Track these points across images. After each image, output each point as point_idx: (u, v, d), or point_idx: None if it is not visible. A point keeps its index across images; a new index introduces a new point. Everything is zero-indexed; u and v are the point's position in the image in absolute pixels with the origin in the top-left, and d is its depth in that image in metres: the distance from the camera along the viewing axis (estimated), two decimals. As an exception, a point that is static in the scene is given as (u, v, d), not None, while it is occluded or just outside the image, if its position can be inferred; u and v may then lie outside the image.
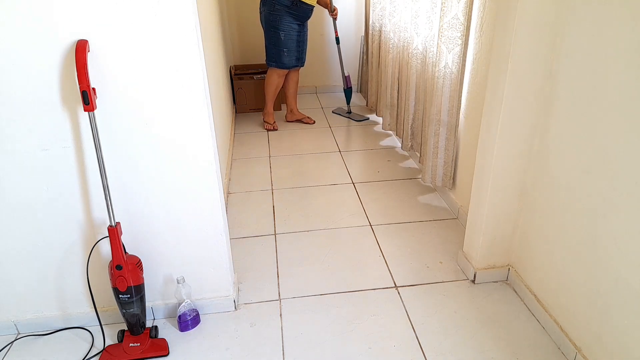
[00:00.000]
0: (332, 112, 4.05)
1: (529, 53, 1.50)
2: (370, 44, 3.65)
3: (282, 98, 4.03)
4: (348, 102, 3.98)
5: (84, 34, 1.30)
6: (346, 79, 3.88)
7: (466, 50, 2.10)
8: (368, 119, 3.87)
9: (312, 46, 4.04)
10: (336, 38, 3.77)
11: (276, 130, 3.66)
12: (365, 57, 4.00)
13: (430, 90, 2.37)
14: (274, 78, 3.52)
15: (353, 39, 4.36)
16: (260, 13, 3.37)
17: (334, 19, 3.67)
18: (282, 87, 3.69)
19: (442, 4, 2.12)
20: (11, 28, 1.27)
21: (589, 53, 1.35)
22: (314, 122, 3.82)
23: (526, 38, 1.48)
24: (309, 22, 3.59)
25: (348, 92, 3.93)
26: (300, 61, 3.52)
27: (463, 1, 2.00)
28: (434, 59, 2.30)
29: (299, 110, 3.87)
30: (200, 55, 1.40)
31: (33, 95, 1.36)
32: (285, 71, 3.50)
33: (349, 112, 3.96)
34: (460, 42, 2.09)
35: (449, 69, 2.19)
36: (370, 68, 3.76)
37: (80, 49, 1.27)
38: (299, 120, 3.82)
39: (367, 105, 4.04)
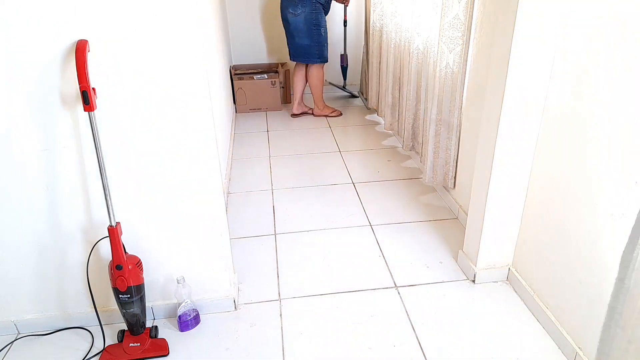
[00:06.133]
0: (329, 82, 4.38)
1: (529, 52, 1.50)
2: (371, 44, 3.65)
3: (289, 97, 4.22)
4: (344, 77, 4.31)
5: (84, 34, 1.30)
6: (341, 57, 4.20)
7: (467, 50, 2.09)
8: (357, 96, 4.32)
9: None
10: (344, 21, 4.10)
11: (341, 115, 3.91)
12: (366, 57, 4.01)
13: (432, 90, 2.37)
14: (321, 72, 3.74)
15: (354, 39, 4.35)
16: (295, 16, 3.45)
17: (346, 6, 3.98)
18: (294, 80, 3.88)
19: (442, 3, 2.12)
20: (11, 28, 1.27)
21: (589, 53, 1.35)
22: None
23: (526, 37, 1.48)
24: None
25: (344, 69, 4.25)
26: None
27: (464, 1, 2.00)
28: (435, 59, 2.30)
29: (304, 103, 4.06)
30: (200, 55, 1.40)
31: (33, 95, 1.36)
32: (324, 64, 3.77)
33: (344, 86, 4.34)
34: (461, 42, 2.09)
35: (450, 69, 2.19)
36: (370, 68, 3.76)
37: (80, 49, 1.27)
38: (305, 113, 4.00)
39: (367, 107, 4.04)
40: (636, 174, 1.21)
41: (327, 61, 3.70)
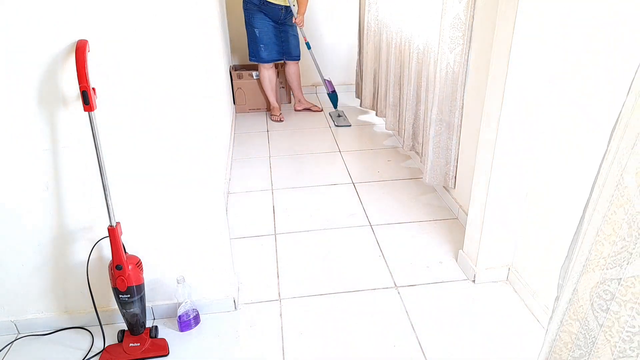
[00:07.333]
0: (329, 114, 3.92)
1: (529, 52, 1.50)
2: (365, 44, 3.63)
3: (289, 96, 4.23)
4: (335, 106, 3.92)
5: (84, 34, 1.30)
6: (327, 84, 3.82)
7: (468, 50, 2.09)
8: (350, 125, 3.68)
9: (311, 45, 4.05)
10: (306, 43, 3.75)
11: (282, 121, 3.81)
12: (359, 58, 3.97)
13: (432, 90, 2.37)
14: (263, 72, 3.76)
15: (352, 40, 4.33)
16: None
17: (299, 27, 3.64)
18: (285, 80, 3.93)
19: (443, 3, 2.11)
20: (11, 28, 1.27)
21: (589, 53, 1.35)
22: (322, 109, 4.03)
23: (526, 37, 1.48)
24: (309, 20, 3.75)
25: (332, 96, 3.87)
26: (286, 55, 3.71)
27: (465, 1, 2.00)
28: (436, 59, 2.30)
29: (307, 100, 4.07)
30: (200, 55, 1.40)
31: (33, 95, 1.36)
32: (270, 65, 3.71)
33: (339, 115, 3.82)
34: (461, 41, 2.09)
35: (451, 69, 2.19)
36: (364, 69, 3.75)
37: (80, 49, 1.27)
38: (307, 109, 4.04)
39: (360, 106, 4.01)
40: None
41: (266, 62, 3.63)
